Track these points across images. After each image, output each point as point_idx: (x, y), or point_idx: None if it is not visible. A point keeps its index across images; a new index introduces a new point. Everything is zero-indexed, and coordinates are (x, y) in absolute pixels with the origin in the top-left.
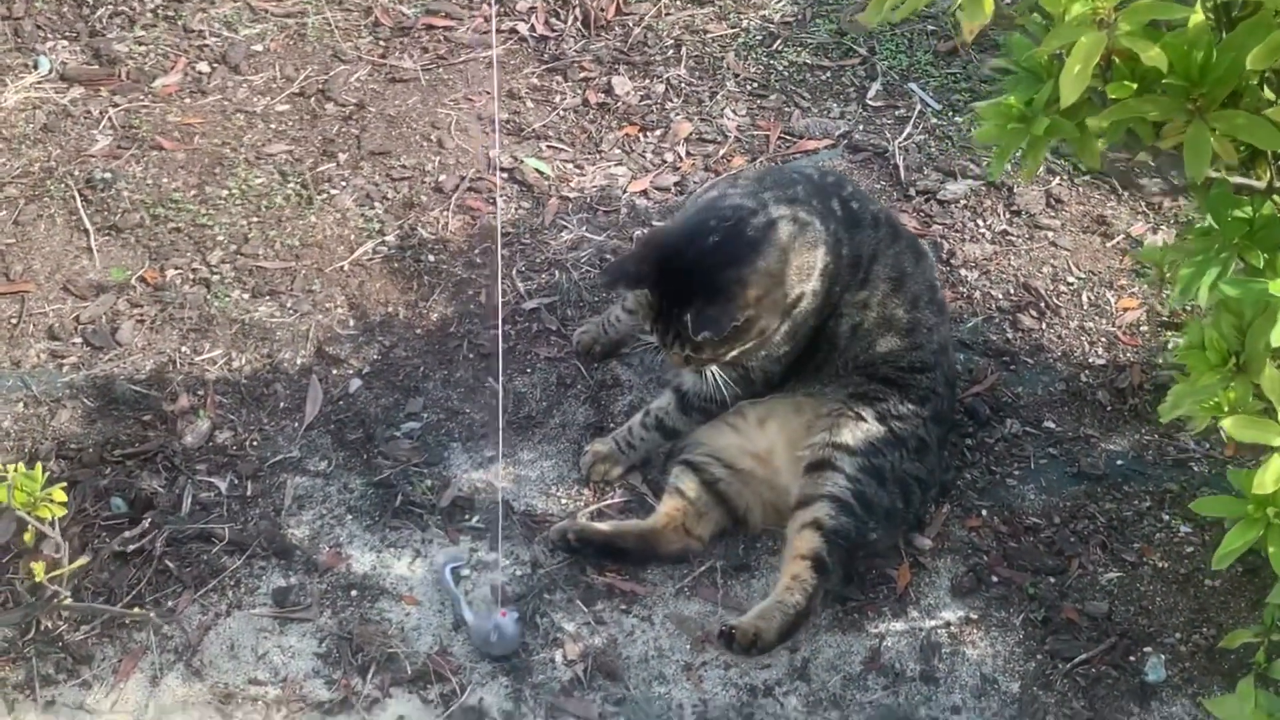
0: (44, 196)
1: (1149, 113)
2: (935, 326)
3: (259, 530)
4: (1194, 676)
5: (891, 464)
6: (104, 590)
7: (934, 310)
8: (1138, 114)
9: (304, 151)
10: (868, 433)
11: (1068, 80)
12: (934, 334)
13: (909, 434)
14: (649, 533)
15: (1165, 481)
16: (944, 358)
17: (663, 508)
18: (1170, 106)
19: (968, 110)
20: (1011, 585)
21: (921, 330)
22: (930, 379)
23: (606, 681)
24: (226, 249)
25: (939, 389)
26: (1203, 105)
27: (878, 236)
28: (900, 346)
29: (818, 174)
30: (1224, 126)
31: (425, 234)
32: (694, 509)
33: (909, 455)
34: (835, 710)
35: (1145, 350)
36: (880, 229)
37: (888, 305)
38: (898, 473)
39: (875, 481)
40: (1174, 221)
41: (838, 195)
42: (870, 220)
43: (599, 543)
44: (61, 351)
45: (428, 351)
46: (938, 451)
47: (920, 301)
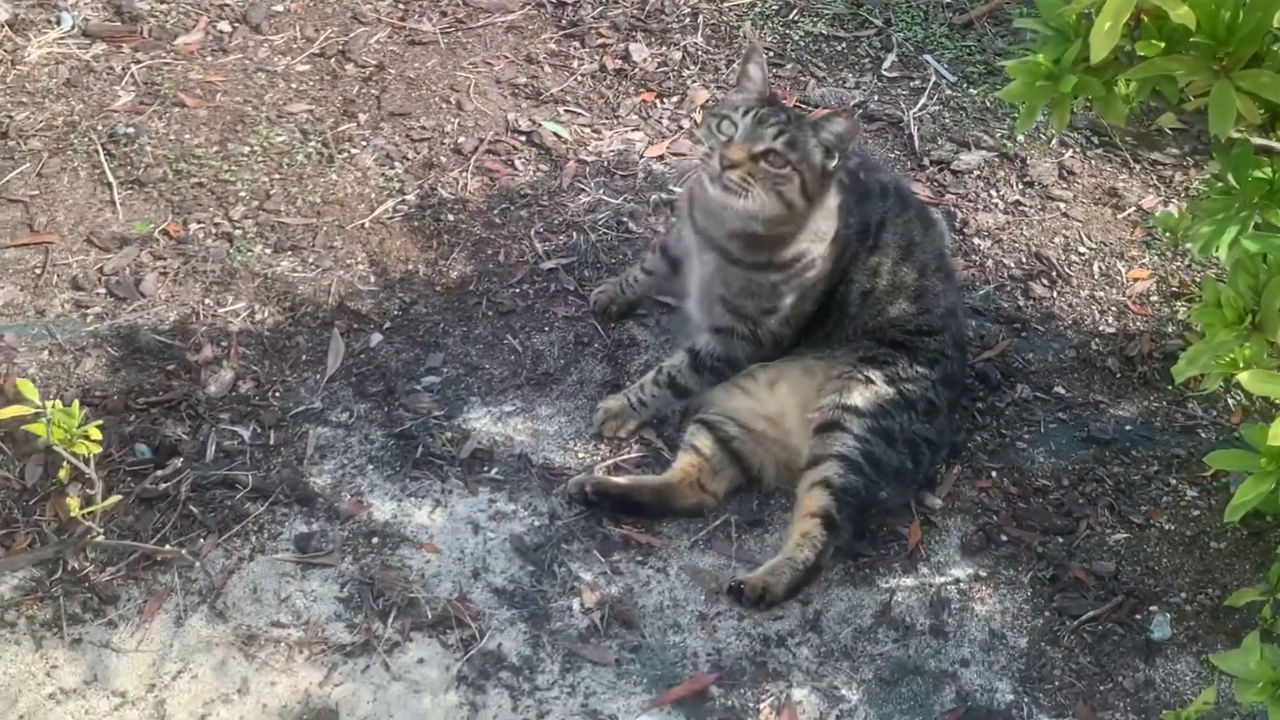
0: (67, 150)
1: (1176, 71)
2: (943, 292)
3: (282, 478)
4: (1199, 635)
5: (901, 425)
6: (129, 533)
7: (942, 276)
8: (1164, 72)
9: (324, 111)
10: (877, 395)
11: (1098, 37)
12: (942, 299)
13: (918, 396)
14: (664, 487)
15: (1173, 447)
16: (952, 321)
17: (678, 463)
18: (1197, 65)
19: (982, 82)
20: (1020, 544)
21: (929, 295)
22: (939, 342)
23: (623, 629)
24: (249, 205)
25: (948, 352)
26: (1228, 64)
27: (886, 205)
28: (909, 311)
29: None
30: (1249, 85)
31: (445, 194)
32: (709, 465)
33: (918, 417)
34: (846, 661)
35: (1155, 319)
36: (889, 198)
37: (897, 272)
38: (907, 434)
39: (884, 442)
40: (1185, 194)
41: (846, 166)
42: (879, 190)
43: (615, 496)
44: (86, 302)
45: (447, 308)
46: (947, 414)
47: (929, 268)
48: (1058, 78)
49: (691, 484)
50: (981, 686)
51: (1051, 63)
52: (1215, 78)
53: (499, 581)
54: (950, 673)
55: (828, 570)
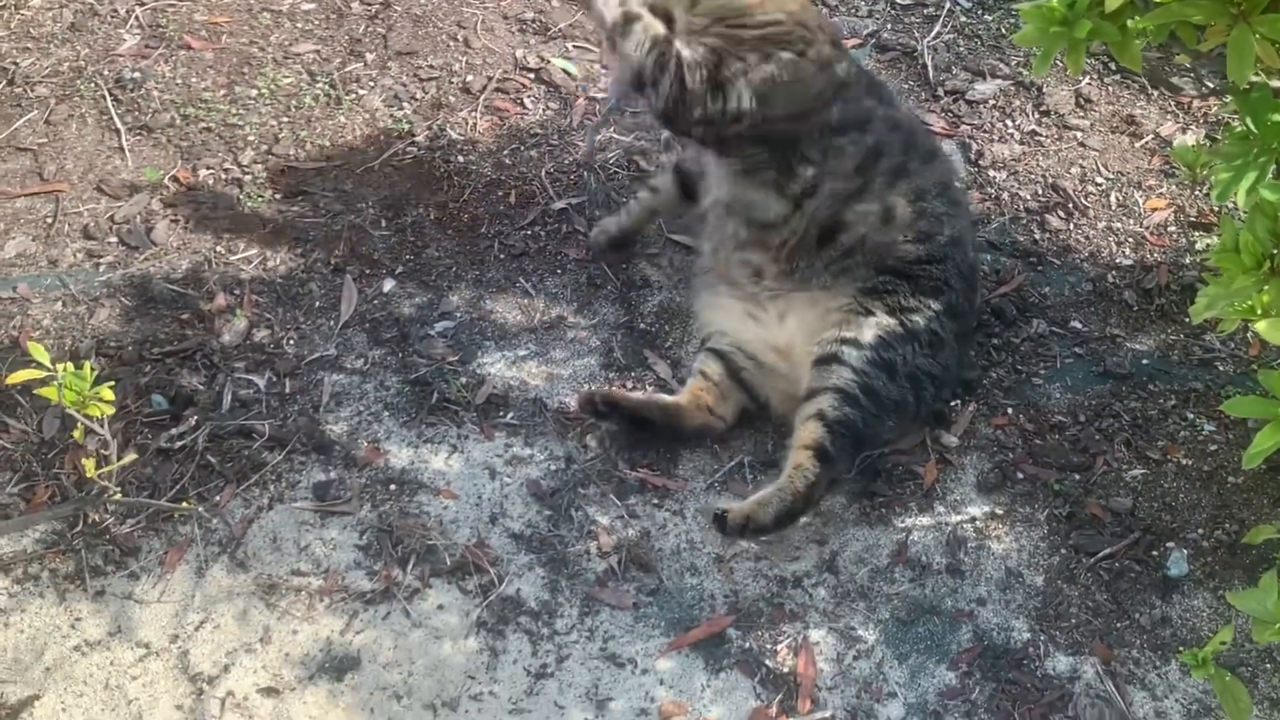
0: (74, 96)
1: (1193, 16)
2: (945, 219)
3: (298, 426)
4: (1215, 571)
5: (903, 357)
6: (148, 485)
7: (945, 203)
8: (1181, 17)
9: (331, 51)
10: (878, 326)
11: None
12: (944, 226)
13: (921, 328)
14: (673, 406)
15: (1190, 381)
16: (957, 251)
17: (688, 386)
18: (1214, 10)
19: (997, 8)
20: (1037, 482)
21: (929, 219)
22: (941, 270)
23: (640, 573)
24: (258, 149)
25: (952, 282)
26: (1246, 9)
27: (876, 115)
28: (906, 238)
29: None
30: (1267, 29)
31: (454, 135)
32: (718, 390)
33: (921, 350)
34: (863, 601)
35: (1172, 250)
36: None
37: (889, 196)
38: (909, 367)
39: (885, 375)
40: (1203, 121)
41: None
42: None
43: (625, 409)
44: (98, 251)
45: (459, 252)
46: (955, 347)
47: (929, 194)
48: (1072, 23)
49: (700, 406)
50: (998, 625)
51: (1066, 7)
52: (1234, 21)
53: (516, 526)
54: (967, 612)
55: (828, 499)
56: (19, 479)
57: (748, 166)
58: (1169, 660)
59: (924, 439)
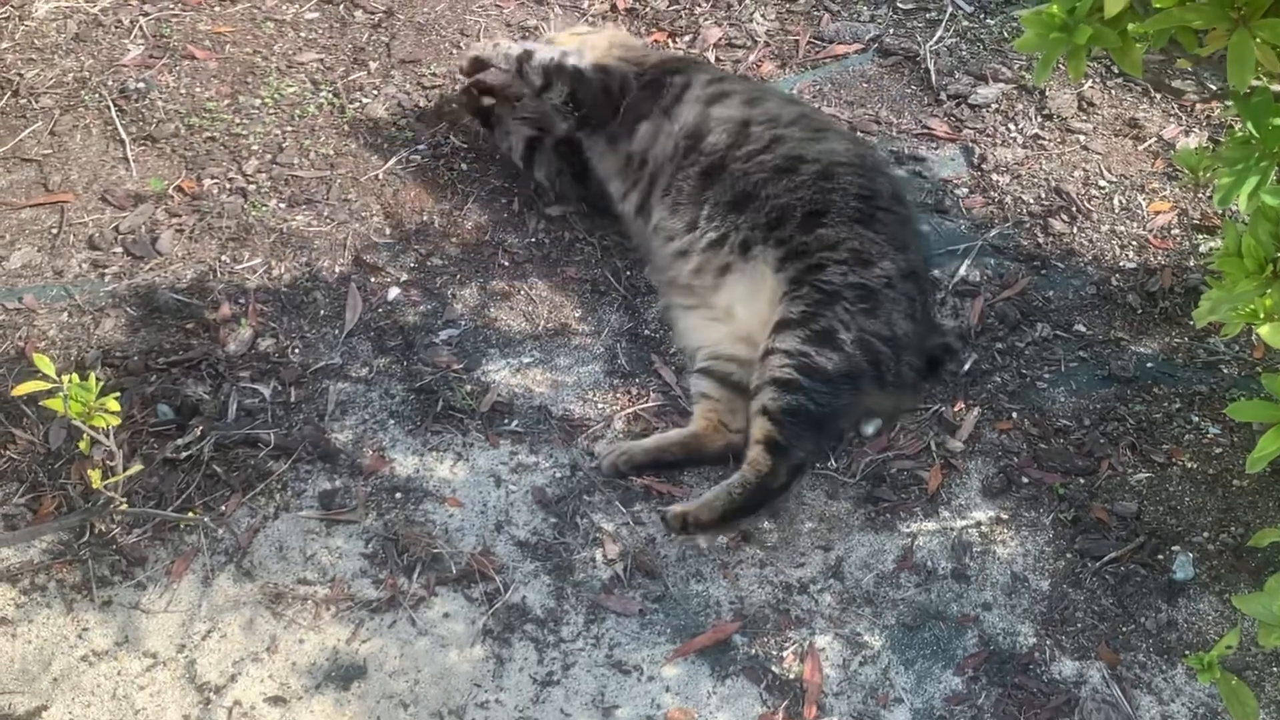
0: (79, 106)
1: (1193, 21)
2: (834, 157)
3: (304, 435)
4: (1221, 574)
5: (841, 322)
6: (154, 494)
7: (802, 129)
8: (1182, 22)
9: (334, 60)
10: (802, 298)
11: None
12: (842, 176)
13: (839, 284)
14: (691, 438)
15: (1195, 384)
16: (849, 194)
17: (696, 414)
18: (1214, 15)
19: (999, 12)
20: (1042, 486)
21: (791, 143)
22: (840, 219)
23: (646, 580)
24: (262, 158)
25: (854, 230)
26: (1246, 14)
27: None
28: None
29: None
30: (1267, 34)
31: (457, 142)
32: (724, 405)
33: (855, 308)
34: (868, 607)
35: (1176, 253)
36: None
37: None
38: (852, 331)
39: (824, 345)
40: (1206, 123)
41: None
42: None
43: (647, 463)
44: (103, 261)
45: (463, 259)
46: (901, 302)
47: (781, 121)
48: (1072, 29)
49: (715, 428)
50: (1004, 630)
51: (1066, 13)
52: (1234, 26)
53: (522, 534)
54: (973, 616)
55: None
56: (25, 489)
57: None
58: (1175, 664)
59: (928, 444)
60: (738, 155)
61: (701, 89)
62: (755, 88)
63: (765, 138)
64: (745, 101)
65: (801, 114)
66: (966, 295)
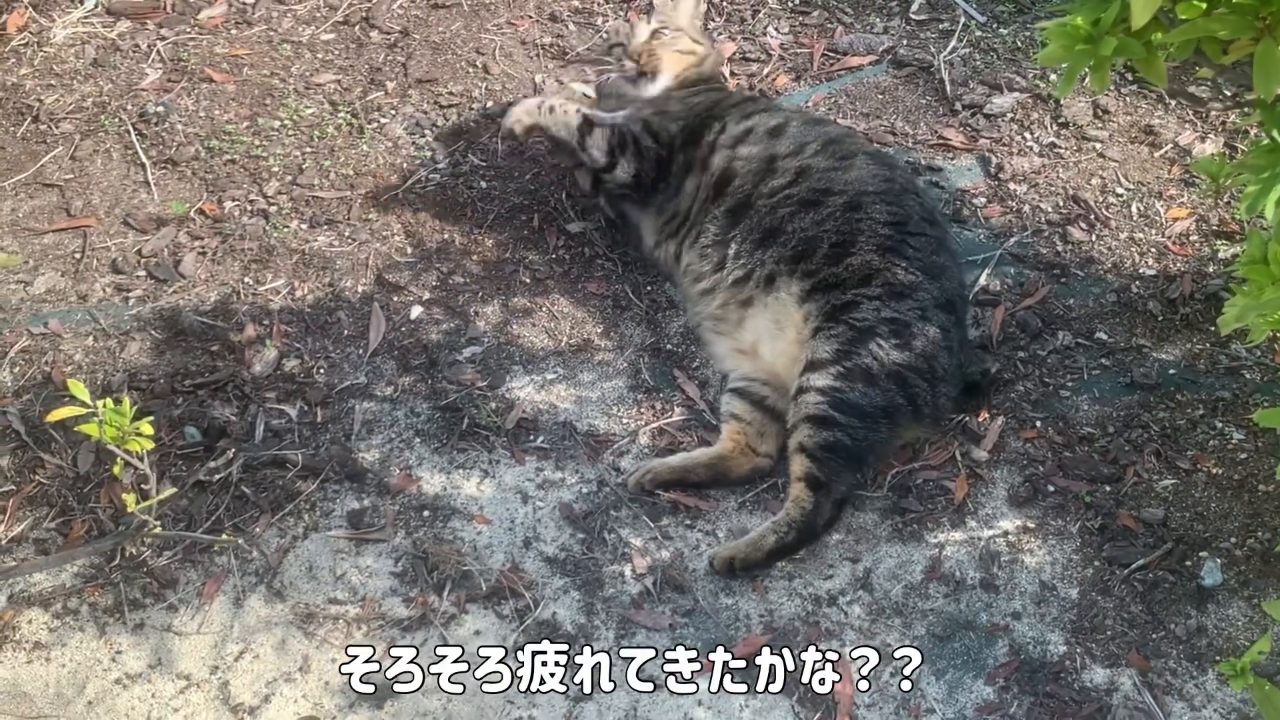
0: (99, 131)
1: (1218, 31)
2: (847, 184)
3: (331, 455)
4: (1250, 579)
5: (874, 358)
6: (184, 516)
7: (828, 158)
8: (1207, 33)
9: (352, 81)
10: (833, 336)
11: (1139, 2)
12: (865, 209)
13: (871, 321)
14: (717, 459)
15: (1218, 389)
16: (878, 222)
17: (724, 434)
18: (1239, 25)
19: (1012, 21)
20: (1068, 494)
21: (817, 175)
22: (867, 253)
23: (675, 594)
24: (282, 180)
25: (887, 262)
26: (1271, 23)
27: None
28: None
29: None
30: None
31: (476, 160)
32: (753, 428)
33: (888, 343)
34: (898, 618)
35: (1195, 259)
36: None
37: (761, 145)
38: (886, 367)
39: (858, 382)
40: (1222, 129)
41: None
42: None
43: (673, 480)
44: (127, 285)
45: (485, 277)
46: (938, 333)
47: (808, 149)
48: (1097, 40)
49: (743, 450)
50: (1034, 639)
51: (1090, 24)
52: (1259, 35)
53: (550, 550)
54: (1002, 626)
55: (858, 515)
56: (56, 514)
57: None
58: (1206, 670)
59: (954, 454)
60: (763, 191)
61: (730, 130)
62: (781, 113)
63: (791, 170)
64: (769, 132)
65: (828, 139)
66: (987, 305)
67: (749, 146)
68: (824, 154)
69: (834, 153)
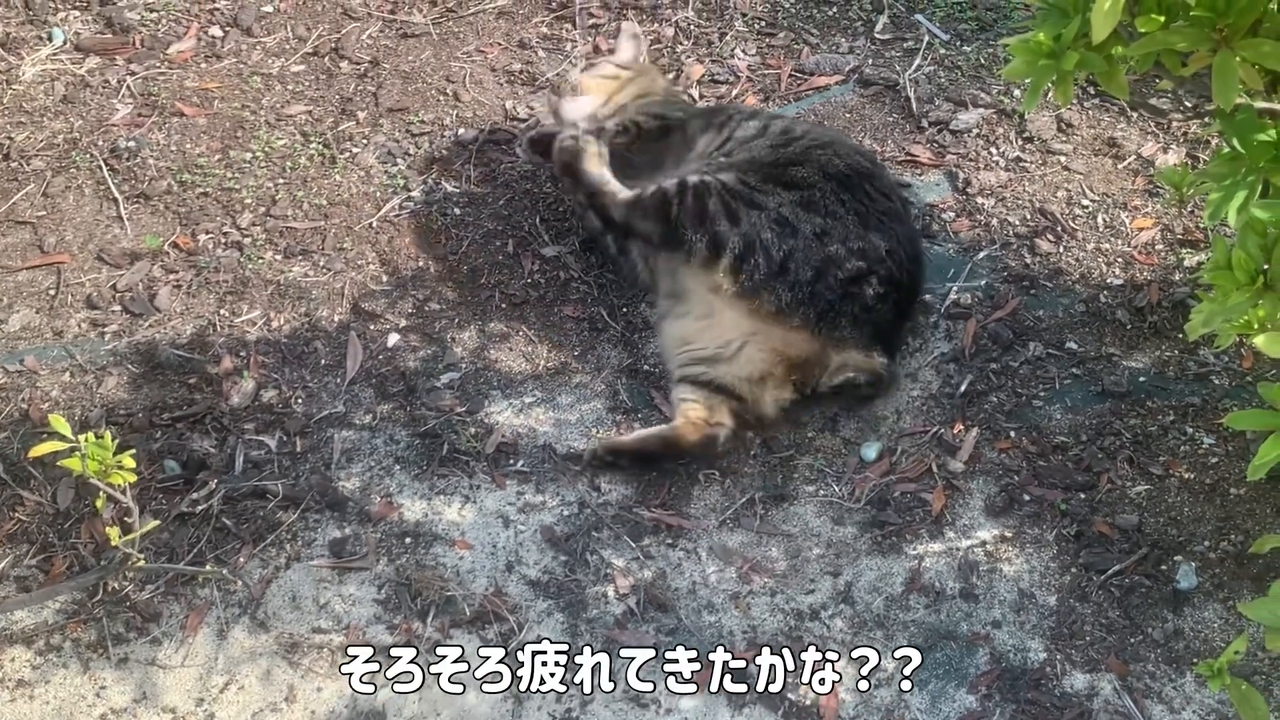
0: (70, 168)
1: (1177, 44)
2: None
3: (311, 484)
4: (1224, 582)
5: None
6: (165, 549)
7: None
8: (1165, 46)
9: (323, 111)
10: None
11: (1099, 17)
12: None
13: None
14: (669, 433)
15: (1187, 396)
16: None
17: (677, 413)
18: (1197, 37)
19: (975, 39)
20: (1043, 503)
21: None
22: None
23: (658, 613)
24: (255, 211)
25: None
26: (1228, 35)
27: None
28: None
29: None
30: (1250, 54)
31: (449, 188)
32: (703, 404)
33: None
34: (880, 630)
35: (1161, 268)
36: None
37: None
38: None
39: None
40: (1183, 139)
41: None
42: None
43: (628, 451)
44: (102, 320)
45: (461, 303)
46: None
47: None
48: (1059, 55)
49: (693, 423)
50: (1014, 646)
51: (1053, 40)
52: (1216, 47)
53: (533, 573)
54: (983, 635)
55: (839, 529)
56: (36, 550)
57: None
58: (1184, 672)
59: (930, 466)
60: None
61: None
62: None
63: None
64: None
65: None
66: (959, 318)
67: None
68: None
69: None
